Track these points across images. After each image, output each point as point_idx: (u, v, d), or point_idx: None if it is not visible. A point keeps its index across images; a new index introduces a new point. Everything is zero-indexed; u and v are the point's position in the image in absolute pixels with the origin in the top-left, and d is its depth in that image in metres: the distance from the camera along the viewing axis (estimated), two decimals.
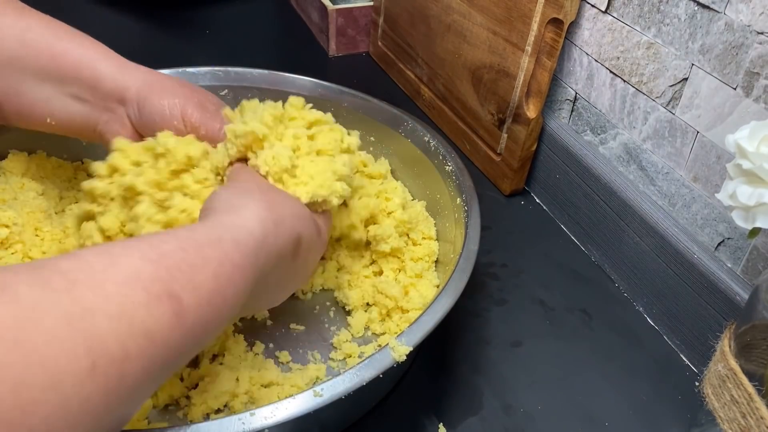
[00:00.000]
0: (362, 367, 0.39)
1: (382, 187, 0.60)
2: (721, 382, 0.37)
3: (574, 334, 0.56)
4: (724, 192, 0.35)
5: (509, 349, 0.54)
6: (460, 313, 0.56)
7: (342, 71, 0.90)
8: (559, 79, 0.65)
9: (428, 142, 0.60)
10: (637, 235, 0.57)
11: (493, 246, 0.64)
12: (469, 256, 0.48)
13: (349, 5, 0.90)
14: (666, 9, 0.51)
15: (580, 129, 0.64)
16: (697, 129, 0.50)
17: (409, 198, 0.62)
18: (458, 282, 0.46)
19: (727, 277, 0.49)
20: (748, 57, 0.45)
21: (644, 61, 0.54)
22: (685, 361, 0.54)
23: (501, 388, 0.50)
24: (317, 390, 0.37)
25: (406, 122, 0.62)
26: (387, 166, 0.63)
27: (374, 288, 0.53)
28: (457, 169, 0.57)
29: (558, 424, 0.48)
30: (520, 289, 0.60)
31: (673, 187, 0.54)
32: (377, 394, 0.48)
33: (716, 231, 0.51)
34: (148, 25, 0.98)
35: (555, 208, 0.68)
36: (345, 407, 0.43)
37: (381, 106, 0.64)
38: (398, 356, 0.40)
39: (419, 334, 0.41)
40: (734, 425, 0.36)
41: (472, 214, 0.52)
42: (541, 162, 0.68)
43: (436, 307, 0.43)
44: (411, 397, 0.49)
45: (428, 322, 0.42)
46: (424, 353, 0.52)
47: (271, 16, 1.05)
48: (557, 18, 0.59)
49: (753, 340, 0.38)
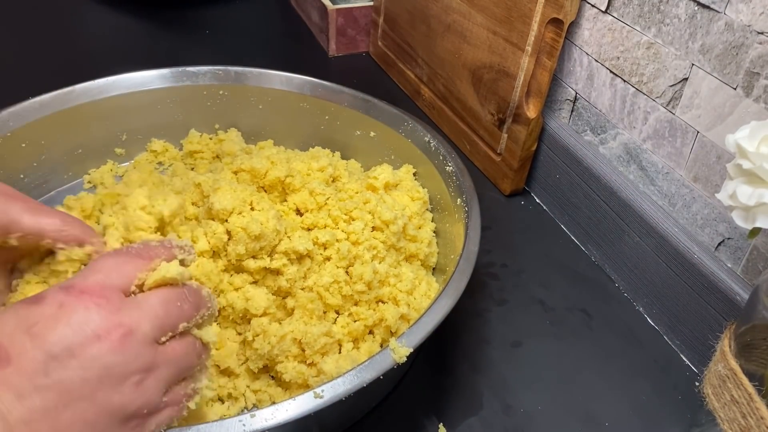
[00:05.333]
0: (363, 368, 0.39)
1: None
2: (721, 382, 0.37)
3: (574, 334, 0.56)
4: (724, 192, 0.35)
5: (509, 349, 0.54)
6: (460, 313, 0.56)
7: (342, 71, 0.90)
8: (559, 79, 0.65)
9: (428, 142, 0.60)
10: (637, 235, 0.57)
11: (493, 246, 0.64)
12: (469, 257, 0.48)
13: (349, 5, 0.90)
14: (666, 9, 0.51)
15: (580, 129, 0.64)
16: (697, 129, 0.50)
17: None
18: (458, 283, 0.45)
19: (727, 277, 0.49)
20: (748, 57, 0.45)
21: (644, 61, 0.54)
22: (685, 361, 0.54)
23: (501, 388, 0.50)
24: (317, 391, 0.37)
25: (407, 122, 0.62)
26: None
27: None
28: (458, 170, 0.56)
29: (558, 424, 0.48)
30: (520, 289, 0.60)
31: (673, 187, 0.54)
32: (377, 394, 0.48)
33: (716, 231, 0.50)
34: (148, 25, 0.98)
35: (555, 208, 0.68)
36: (345, 408, 0.43)
37: (381, 106, 0.64)
38: (398, 358, 0.40)
39: (419, 336, 0.41)
40: (734, 425, 0.36)
41: (473, 215, 0.52)
42: (541, 162, 0.68)
43: (436, 309, 0.43)
44: (411, 397, 0.49)
45: (428, 324, 0.42)
46: (424, 353, 0.52)
47: (271, 16, 1.05)
48: (557, 18, 0.59)
49: (753, 340, 0.38)
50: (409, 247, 0.55)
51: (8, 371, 0.29)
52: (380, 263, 0.52)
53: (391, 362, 0.40)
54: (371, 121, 0.64)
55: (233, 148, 0.65)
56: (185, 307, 0.35)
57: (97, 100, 0.63)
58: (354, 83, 0.67)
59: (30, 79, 0.75)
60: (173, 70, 0.66)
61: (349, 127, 0.66)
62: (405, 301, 0.51)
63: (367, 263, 0.50)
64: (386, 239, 0.53)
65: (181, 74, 0.66)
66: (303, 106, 0.67)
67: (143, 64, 0.66)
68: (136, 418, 0.32)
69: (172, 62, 0.66)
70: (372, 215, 0.53)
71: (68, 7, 1.00)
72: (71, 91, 0.62)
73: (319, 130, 0.67)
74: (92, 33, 0.96)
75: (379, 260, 0.52)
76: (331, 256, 0.50)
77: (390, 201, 0.56)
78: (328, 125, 0.67)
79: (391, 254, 0.53)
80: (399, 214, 0.53)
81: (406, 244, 0.55)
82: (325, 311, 0.50)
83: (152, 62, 0.67)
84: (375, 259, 0.52)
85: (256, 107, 0.68)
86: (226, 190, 0.50)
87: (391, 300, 0.51)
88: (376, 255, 0.52)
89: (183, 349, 0.34)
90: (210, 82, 0.66)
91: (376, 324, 0.50)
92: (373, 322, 0.49)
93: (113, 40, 0.94)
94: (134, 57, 0.88)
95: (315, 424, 0.43)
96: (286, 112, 0.68)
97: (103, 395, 0.30)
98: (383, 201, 0.55)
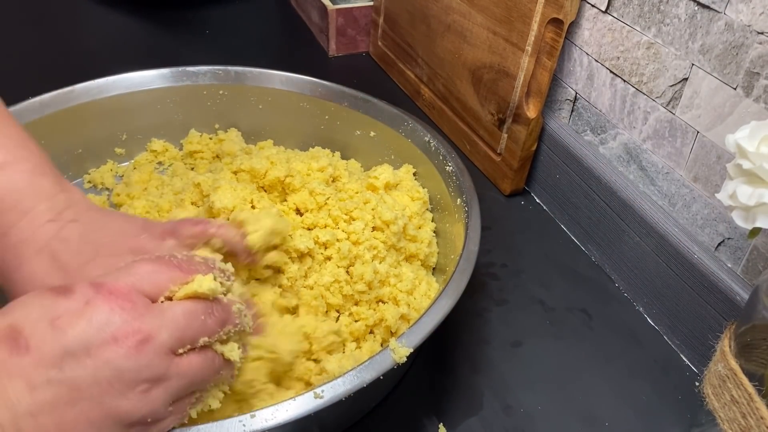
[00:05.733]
0: (363, 368, 0.39)
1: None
2: (721, 382, 0.37)
3: (574, 334, 0.56)
4: (724, 192, 0.35)
5: (509, 349, 0.54)
6: (460, 313, 0.56)
7: (342, 71, 0.90)
8: (559, 79, 0.65)
9: (428, 142, 0.60)
10: (637, 235, 0.57)
11: (493, 246, 0.64)
12: (469, 257, 0.48)
13: (349, 5, 0.90)
14: (666, 9, 0.51)
15: (580, 129, 0.64)
16: (697, 129, 0.50)
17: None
18: (458, 283, 0.45)
19: (727, 277, 0.49)
20: (748, 57, 0.45)
21: (644, 61, 0.54)
22: (685, 361, 0.54)
23: (501, 388, 0.50)
24: (317, 392, 0.37)
25: (407, 122, 0.62)
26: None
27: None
28: (458, 170, 0.56)
29: (558, 424, 0.48)
30: (520, 289, 0.60)
31: (673, 187, 0.54)
32: (377, 395, 0.48)
33: (716, 231, 0.50)
34: (148, 25, 0.98)
35: (555, 208, 0.68)
36: (345, 408, 0.43)
37: (381, 106, 0.64)
38: (398, 358, 0.40)
39: (420, 336, 0.41)
40: (734, 425, 0.36)
41: (472, 215, 0.52)
42: (541, 162, 0.68)
43: (436, 309, 0.43)
44: (411, 397, 0.49)
45: (428, 324, 0.42)
46: (424, 353, 0.52)
47: (271, 16, 1.05)
48: (557, 18, 0.59)
49: (753, 340, 0.38)
50: (409, 247, 0.55)
51: (25, 360, 0.29)
52: (380, 263, 0.52)
53: (391, 362, 0.39)
54: (371, 120, 0.64)
55: (233, 148, 0.65)
56: (209, 321, 0.34)
57: (97, 100, 0.63)
58: (354, 83, 0.67)
59: (30, 79, 0.75)
60: (173, 70, 0.66)
61: (349, 127, 0.66)
62: (405, 301, 0.51)
63: (368, 263, 0.50)
64: (386, 239, 0.52)
65: (181, 74, 0.66)
66: (303, 106, 0.67)
67: (143, 64, 0.66)
68: (139, 425, 0.32)
69: (172, 62, 0.66)
70: (372, 215, 0.53)
71: (68, 7, 1.00)
72: (71, 91, 0.62)
73: (319, 130, 0.67)
74: (92, 33, 0.96)
75: (380, 260, 0.52)
76: (332, 255, 0.50)
77: (390, 201, 0.56)
78: (328, 125, 0.67)
79: (392, 254, 0.53)
80: (399, 215, 0.53)
81: (406, 244, 0.55)
82: (327, 311, 0.50)
83: (152, 62, 0.66)
84: (375, 259, 0.52)
85: (256, 107, 0.68)
86: (226, 189, 0.50)
87: (391, 300, 0.51)
88: (376, 255, 0.52)
89: (199, 364, 0.34)
90: (210, 82, 0.66)
91: (377, 324, 0.50)
92: (373, 322, 0.49)
93: (113, 40, 0.94)
94: (134, 57, 0.88)
95: (315, 425, 0.43)
96: (286, 112, 0.68)
97: (111, 399, 0.30)
98: (383, 201, 0.55)
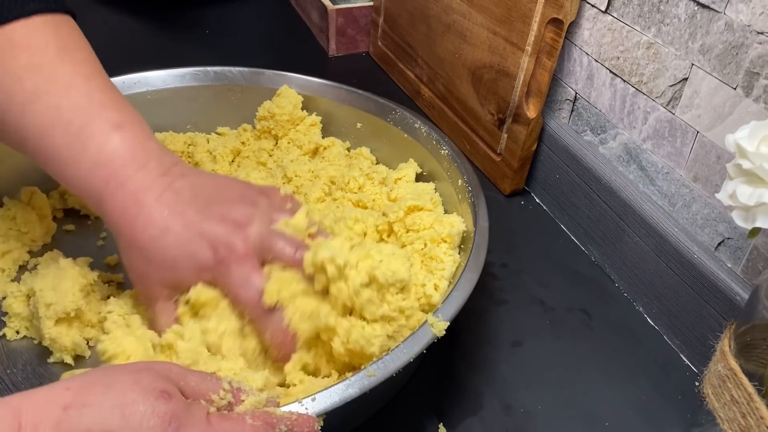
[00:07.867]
0: (408, 343, 0.40)
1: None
2: (721, 382, 0.37)
3: (574, 334, 0.56)
4: (724, 192, 0.35)
5: (509, 349, 0.54)
6: (460, 313, 0.56)
7: (342, 71, 0.90)
8: (559, 79, 0.65)
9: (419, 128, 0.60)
10: (637, 235, 0.57)
11: (493, 246, 0.63)
12: (482, 233, 0.50)
13: (349, 5, 0.90)
14: (666, 9, 0.51)
15: (580, 129, 0.64)
16: (697, 129, 0.50)
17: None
18: (477, 257, 0.47)
19: (727, 277, 0.49)
20: (748, 57, 0.45)
21: (644, 61, 0.54)
22: (685, 361, 0.54)
23: (501, 388, 0.50)
24: (370, 370, 0.38)
25: (408, 120, 0.63)
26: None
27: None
28: (453, 153, 0.58)
29: (558, 424, 0.48)
30: (520, 289, 0.60)
31: (673, 187, 0.54)
32: (382, 399, 0.48)
33: (716, 231, 0.51)
34: (148, 25, 0.98)
35: (555, 208, 0.68)
36: (348, 412, 0.42)
37: (381, 105, 0.64)
38: (438, 331, 0.41)
39: (453, 309, 0.43)
40: (734, 425, 0.36)
41: (477, 194, 0.53)
42: (541, 162, 0.68)
43: (462, 283, 0.45)
44: (411, 397, 0.49)
45: (459, 297, 0.44)
46: (424, 354, 0.52)
47: (271, 16, 1.05)
48: (557, 18, 0.59)
49: (753, 340, 0.38)
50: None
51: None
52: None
53: (431, 336, 0.41)
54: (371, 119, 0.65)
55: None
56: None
57: None
58: (354, 83, 0.67)
59: None
60: (173, 71, 0.66)
61: (348, 123, 0.67)
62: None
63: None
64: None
65: (181, 74, 0.66)
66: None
67: (144, 64, 0.65)
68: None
69: (172, 62, 0.66)
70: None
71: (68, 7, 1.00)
72: None
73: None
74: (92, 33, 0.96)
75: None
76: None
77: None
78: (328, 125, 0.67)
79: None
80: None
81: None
82: None
83: (152, 62, 0.66)
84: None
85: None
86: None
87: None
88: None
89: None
90: (210, 82, 0.66)
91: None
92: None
93: (113, 40, 0.94)
94: (135, 57, 0.88)
95: (342, 417, 0.43)
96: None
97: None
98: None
